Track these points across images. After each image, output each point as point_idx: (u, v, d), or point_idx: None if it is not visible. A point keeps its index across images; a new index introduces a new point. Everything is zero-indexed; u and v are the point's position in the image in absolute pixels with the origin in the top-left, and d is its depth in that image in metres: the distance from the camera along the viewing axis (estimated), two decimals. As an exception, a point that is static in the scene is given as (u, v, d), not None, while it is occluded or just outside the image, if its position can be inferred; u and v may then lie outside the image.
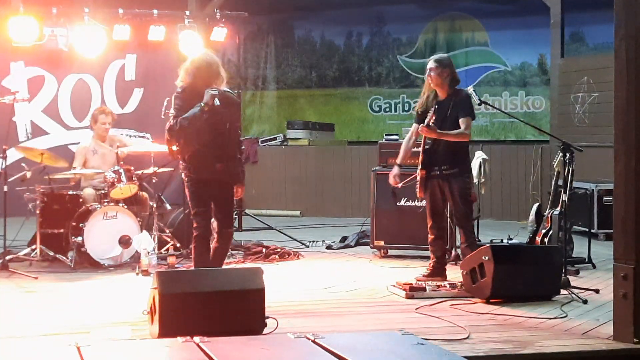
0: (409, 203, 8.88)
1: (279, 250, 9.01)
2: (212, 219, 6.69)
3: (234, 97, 6.81)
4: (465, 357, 4.34)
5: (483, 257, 6.58)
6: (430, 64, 7.58)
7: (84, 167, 8.76)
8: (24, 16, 8.84)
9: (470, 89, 7.52)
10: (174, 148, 6.53)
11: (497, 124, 13.92)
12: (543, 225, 8.14)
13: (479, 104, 7.65)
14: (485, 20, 14.04)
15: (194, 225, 6.57)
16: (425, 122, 7.19)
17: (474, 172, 9.09)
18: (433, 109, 7.20)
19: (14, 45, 9.09)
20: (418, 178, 7.48)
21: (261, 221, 10.93)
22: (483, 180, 9.08)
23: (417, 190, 7.50)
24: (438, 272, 7.47)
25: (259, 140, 13.87)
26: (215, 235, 6.69)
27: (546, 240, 7.93)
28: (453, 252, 8.57)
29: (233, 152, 6.62)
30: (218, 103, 6.39)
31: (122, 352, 4.27)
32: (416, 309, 6.32)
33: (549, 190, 8.48)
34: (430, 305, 6.46)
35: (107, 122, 8.90)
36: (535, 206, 8.60)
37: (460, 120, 7.28)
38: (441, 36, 14.33)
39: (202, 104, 6.38)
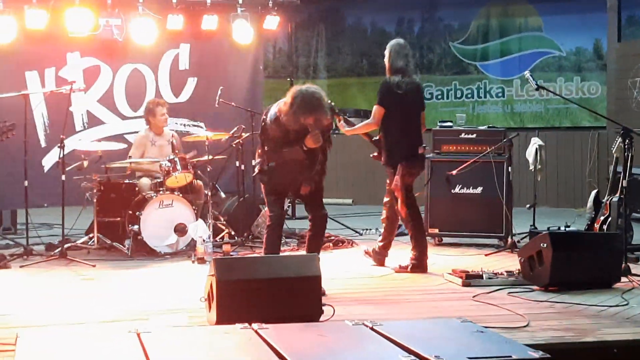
0: (464, 190, 8.82)
1: (332, 238, 9.01)
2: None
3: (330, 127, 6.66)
4: (525, 345, 4.30)
5: (541, 245, 6.50)
6: None
7: (142, 157, 8.85)
8: (79, 7, 8.93)
9: (527, 74, 7.45)
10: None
11: (551, 110, 13.74)
12: (601, 212, 8.02)
13: (536, 89, 7.55)
14: (539, 5, 13.84)
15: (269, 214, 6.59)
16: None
17: (530, 158, 9.00)
18: None
19: (70, 36, 9.18)
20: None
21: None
22: (539, 167, 8.96)
23: None
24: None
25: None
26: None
27: (605, 227, 7.82)
28: (509, 240, 8.48)
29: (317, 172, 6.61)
30: (323, 141, 6.37)
31: (183, 338, 4.31)
32: (473, 296, 6.27)
33: (607, 176, 8.38)
34: (487, 293, 6.41)
35: (164, 112, 8.99)
36: (593, 193, 8.46)
37: None
38: (494, 22, 14.17)
39: (304, 145, 6.29)
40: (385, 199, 7.66)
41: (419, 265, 7.44)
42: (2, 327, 5.36)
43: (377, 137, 7.61)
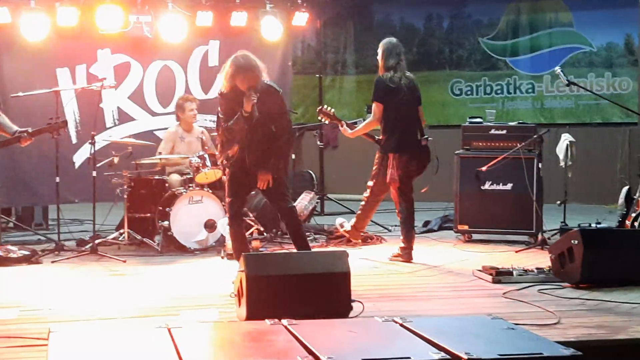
0: (494, 186, 8.78)
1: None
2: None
3: (273, 89, 6.81)
4: (556, 342, 4.27)
5: (572, 241, 6.45)
6: None
7: (171, 153, 8.90)
8: (110, 4, 9.00)
9: (558, 70, 7.41)
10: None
11: (582, 106, 13.62)
12: (633, 209, 7.96)
13: (567, 85, 7.50)
14: (569, 0, 13.72)
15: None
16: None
17: (561, 155, 8.93)
18: None
19: (101, 33, 9.25)
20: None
21: (343, 205, 10.94)
22: (570, 163, 8.89)
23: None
24: None
25: (340, 125, 13.82)
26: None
27: (636, 224, 7.74)
28: (539, 237, 8.43)
29: (275, 143, 6.74)
30: (257, 114, 6.58)
31: (213, 333, 4.33)
32: (503, 293, 6.24)
33: (638, 173, 8.30)
34: (518, 290, 6.38)
35: (194, 108, 9.03)
36: (624, 189, 8.39)
37: None
38: (524, 17, 14.05)
39: (243, 111, 6.55)
40: (369, 183, 8.11)
41: (405, 255, 7.78)
42: (34, 322, 5.42)
43: (380, 138, 7.88)
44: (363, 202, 8.33)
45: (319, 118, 8.38)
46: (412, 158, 7.80)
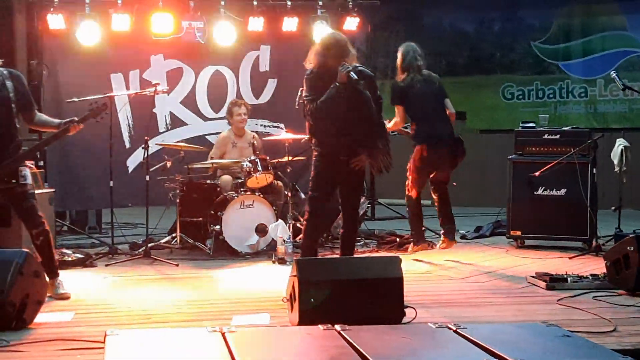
0: (547, 192, 8.68)
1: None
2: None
3: (367, 72, 6.64)
4: (612, 350, 4.22)
5: (628, 248, 6.35)
6: None
7: (222, 157, 8.95)
8: (163, 12, 9.10)
9: (613, 74, 7.33)
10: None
11: (636, 110, 13.45)
12: (690, 215, 7.81)
13: (623, 89, 7.41)
14: (623, 4, 13.55)
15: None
16: None
17: (615, 160, 8.81)
18: None
19: (154, 39, 9.35)
20: None
21: (394, 210, 10.91)
22: (625, 168, 8.76)
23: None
24: None
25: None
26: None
27: (694, 230, 7.61)
28: (593, 243, 8.33)
29: (370, 122, 6.52)
30: (355, 77, 6.30)
31: (267, 338, 4.35)
32: (558, 300, 6.16)
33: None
34: (572, 296, 6.29)
35: (242, 112, 9.06)
36: (681, 195, 8.25)
37: None
38: (576, 21, 13.91)
39: (337, 84, 6.32)
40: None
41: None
42: (89, 325, 5.48)
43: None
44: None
45: None
46: (435, 151, 7.98)
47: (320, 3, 9.87)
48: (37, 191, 7.72)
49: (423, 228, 8.42)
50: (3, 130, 6.19)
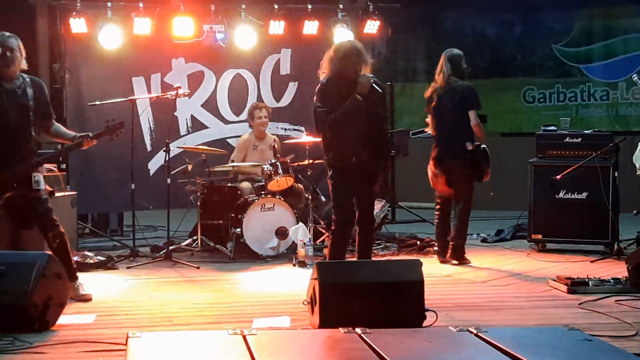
0: (568, 195, 8.64)
1: (433, 242, 8.94)
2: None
3: (381, 85, 6.53)
4: (634, 354, 4.20)
5: (650, 252, 6.32)
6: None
7: (243, 160, 8.98)
8: (184, 16, 9.15)
9: (635, 77, 7.31)
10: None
11: (658, 114, 13.38)
12: None
13: (645, 93, 7.37)
14: (645, 6, 13.49)
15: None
16: None
17: (637, 163, 8.74)
18: None
19: (175, 43, 9.40)
20: None
21: (414, 213, 10.90)
22: (649, 172, 8.70)
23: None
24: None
25: (410, 133, 13.79)
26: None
27: None
28: (615, 246, 8.28)
29: (382, 140, 6.48)
30: (379, 89, 6.25)
31: (288, 341, 4.35)
32: (579, 304, 6.13)
33: None
34: (594, 300, 6.26)
35: (262, 115, 9.08)
36: None
37: None
38: (598, 24, 13.84)
39: (358, 95, 6.24)
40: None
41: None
42: (111, 327, 5.52)
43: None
44: None
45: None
46: (442, 162, 8.06)
47: (341, 6, 9.90)
48: (59, 194, 7.83)
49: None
50: (19, 136, 6.23)
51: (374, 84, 6.26)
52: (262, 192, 8.53)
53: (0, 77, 6.14)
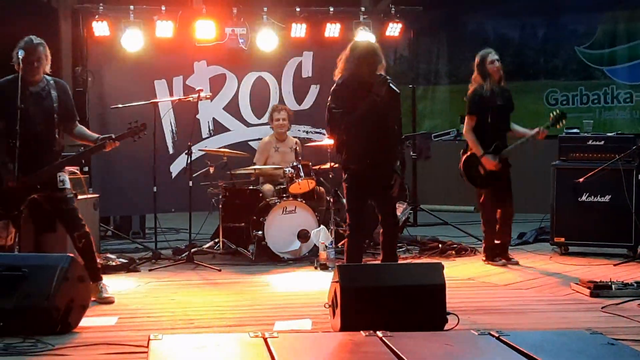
0: (591, 198, 8.59)
1: (455, 245, 8.94)
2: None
3: (397, 86, 6.46)
4: (659, 359, 4.16)
5: (674, 255, 6.27)
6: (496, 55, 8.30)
7: (265, 163, 9.00)
8: (206, 19, 9.18)
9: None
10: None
11: (681, 116, 13.27)
12: None
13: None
14: (668, 8, 13.38)
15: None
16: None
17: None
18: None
19: (197, 45, 9.44)
20: None
21: (436, 216, 10.87)
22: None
23: None
24: None
25: (432, 135, 13.76)
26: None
27: None
28: (639, 250, 8.23)
29: (396, 141, 6.45)
30: (397, 90, 6.22)
31: (309, 343, 4.35)
32: (602, 308, 6.09)
33: None
34: (617, 304, 6.21)
35: (281, 117, 9.08)
36: None
37: None
38: (621, 26, 13.74)
39: (376, 96, 6.18)
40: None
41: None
42: (133, 330, 5.54)
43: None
44: None
45: None
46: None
47: (363, 9, 9.91)
48: (81, 196, 7.86)
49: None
50: (44, 138, 6.28)
51: (390, 84, 6.22)
52: (284, 195, 8.54)
53: (25, 81, 6.19)
